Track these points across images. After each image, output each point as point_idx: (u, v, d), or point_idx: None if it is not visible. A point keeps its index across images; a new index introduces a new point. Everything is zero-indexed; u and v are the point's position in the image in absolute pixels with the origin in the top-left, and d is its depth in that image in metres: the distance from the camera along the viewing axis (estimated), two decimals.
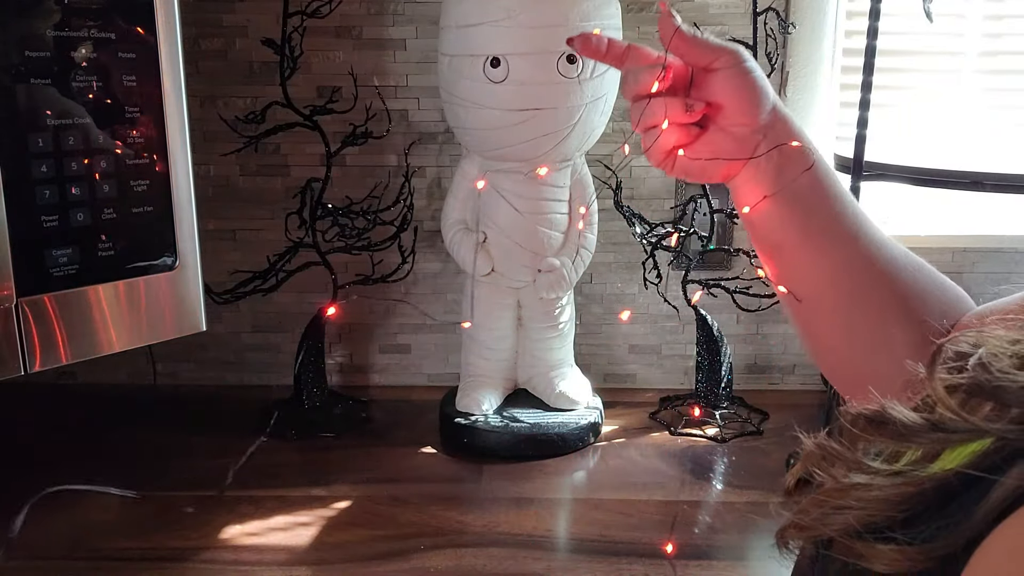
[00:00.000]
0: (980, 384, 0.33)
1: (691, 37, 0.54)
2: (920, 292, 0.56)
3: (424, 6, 1.14)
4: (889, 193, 1.12)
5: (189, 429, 1.11)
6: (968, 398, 0.34)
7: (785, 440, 1.08)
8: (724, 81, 0.54)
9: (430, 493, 0.96)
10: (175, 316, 0.82)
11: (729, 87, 0.54)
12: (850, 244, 0.57)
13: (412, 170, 1.15)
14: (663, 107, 0.54)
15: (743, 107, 0.55)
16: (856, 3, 1.17)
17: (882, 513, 0.33)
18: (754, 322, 1.23)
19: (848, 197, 0.58)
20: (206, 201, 0.99)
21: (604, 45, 0.58)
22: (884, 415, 0.35)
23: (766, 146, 0.55)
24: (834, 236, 0.57)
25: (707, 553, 0.85)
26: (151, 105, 0.77)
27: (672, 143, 0.55)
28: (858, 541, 0.33)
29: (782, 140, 0.55)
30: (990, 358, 0.34)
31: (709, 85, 0.55)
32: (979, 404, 0.33)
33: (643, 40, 1.13)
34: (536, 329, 1.10)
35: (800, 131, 0.57)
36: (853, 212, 0.57)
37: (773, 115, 0.56)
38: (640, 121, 0.56)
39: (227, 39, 1.15)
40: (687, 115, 0.54)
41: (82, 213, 0.73)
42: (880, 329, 0.56)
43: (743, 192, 0.58)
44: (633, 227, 1.13)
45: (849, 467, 0.36)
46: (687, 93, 0.55)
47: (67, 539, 0.87)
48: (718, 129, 0.56)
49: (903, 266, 0.57)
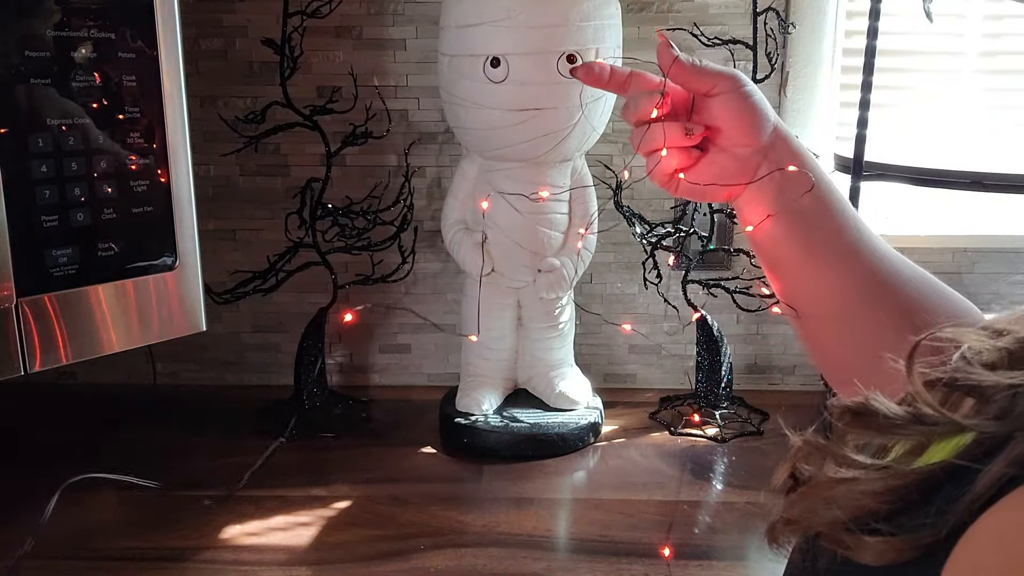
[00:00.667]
0: (960, 380, 0.34)
1: (689, 65, 0.56)
2: (925, 303, 0.57)
3: (424, 6, 1.14)
4: (889, 193, 1.13)
5: (189, 429, 1.12)
6: (949, 393, 0.34)
7: (785, 440, 1.08)
8: (724, 105, 0.56)
9: (430, 493, 0.96)
10: (175, 316, 0.82)
11: (728, 111, 0.56)
12: (853, 258, 0.57)
13: (412, 170, 1.15)
14: (663, 132, 0.56)
15: (743, 129, 0.56)
16: (856, 3, 1.17)
17: (869, 506, 0.33)
18: (754, 322, 1.23)
19: (850, 211, 0.58)
20: (206, 201, 0.99)
21: (607, 74, 0.61)
22: (868, 407, 0.36)
23: (767, 167, 0.57)
24: (836, 251, 0.58)
25: (707, 553, 0.85)
26: (151, 105, 0.76)
27: (674, 166, 0.57)
28: (846, 534, 0.33)
29: (783, 160, 0.57)
30: (971, 354, 0.35)
31: (709, 109, 0.57)
32: (960, 399, 0.34)
33: (643, 40, 1.14)
34: (536, 329, 1.10)
35: (801, 150, 0.58)
36: (855, 226, 0.58)
37: (773, 136, 0.57)
38: (641, 145, 0.58)
39: (227, 39, 1.15)
40: (687, 139, 0.56)
41: (82, 213, 0.73)
42: (886, 341, 0.56)
43: (746, 211, 0.59)
44: (633, 227, 1.13)
45: (837, 462, 0.36)
46: (688, 117, 0.57)
47: (67, 539, 0.87)
48: (719, 151, 0.57)
49: (907, 278, 0.57)
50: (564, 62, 0.93)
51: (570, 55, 0.93)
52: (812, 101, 1.18)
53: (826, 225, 0.58)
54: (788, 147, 0.57)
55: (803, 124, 1.17)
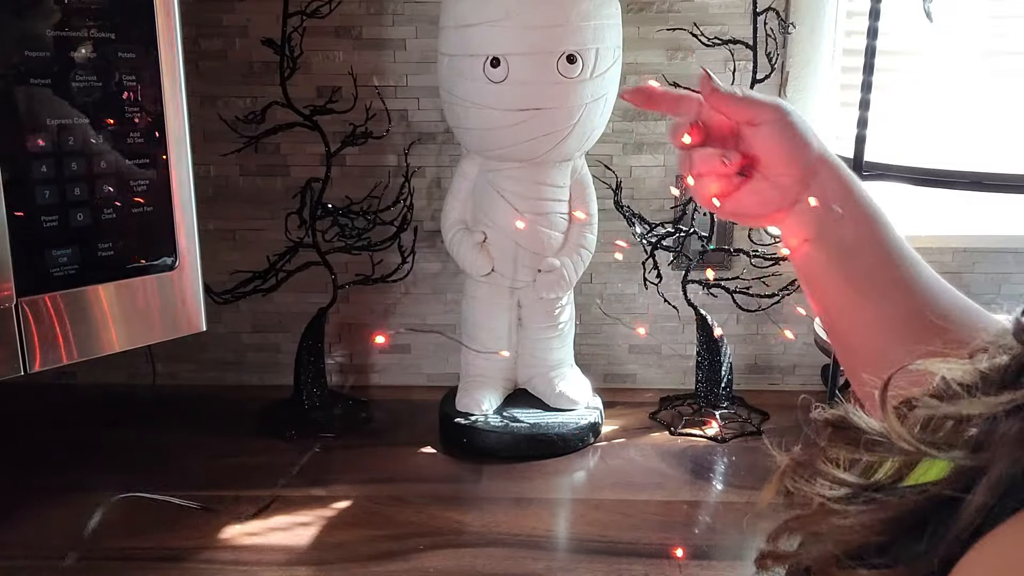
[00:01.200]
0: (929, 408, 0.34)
1: (730, 96, 0.57)
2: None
3: (424, 6, 1.14)
4: (889, 193, 1.12)
5: (189, 429, 1.12)
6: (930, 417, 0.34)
7: (785, 441, 1.08)
8: (765, 135, 0.57)
9: (430, 493, 0.96)
10: (175, 316, 0.82)
11: (769, 141, 0.57)
12: (898, 293, 0.56)
13: (412, 170, 1.15)
14: (701, 158, 0.57)
15: (783, 159, 0.57)
16: (856, 3, 1.17)
17: (858, 539, 0.33)
18: (754, 322, 1.23)
19: (898, 242, 0.57)
20: (206, 201, 0.99)
21: (655, 97, 0.61)
22: (847, 421, 0.36)
23: (810, 195, 0.57)
24: (880, 284, 0.56)
25: (707, 553, 0.85)
26: (151, 105, 0.76)
27: (713, 191, 0.58)
28: (837, 568, 0.33)
29: (827, 189, 0.57)
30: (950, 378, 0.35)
31: (752, 137, 0.58)
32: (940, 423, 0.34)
33: (643, 40, 1.14)
34: (536, 329, 1.10)
35: (848, 179, 0.58)
36: (903, 258, 0.56)
37: (817, 165, 0.57)
38: (682, 169, 0.60)
39: (227, 39, 1.15)
40: (723, 167, 0.57)
41: (82, 213, 0.73)
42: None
43: (786, 235, 0.60)
44: (633, 227, 1.13)
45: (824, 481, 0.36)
46: (734, 144, 0.58)
47: (67, 539, 0.87)
48: (762, 179, 0.58)
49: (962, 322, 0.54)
50: (564, 62, 0.93)
51: (570, 55, 0.93)
52: (812, 101, 1.18)
53: (869, 255, 0.56)
54: (833, 175, 0.57)
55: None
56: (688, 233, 1.12)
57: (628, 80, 1.13)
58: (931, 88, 1.19)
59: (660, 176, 1.20)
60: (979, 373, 0.34)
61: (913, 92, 1.19)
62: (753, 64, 1.05)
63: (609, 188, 1.13)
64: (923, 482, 0.33)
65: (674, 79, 1.12)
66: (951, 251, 1.21)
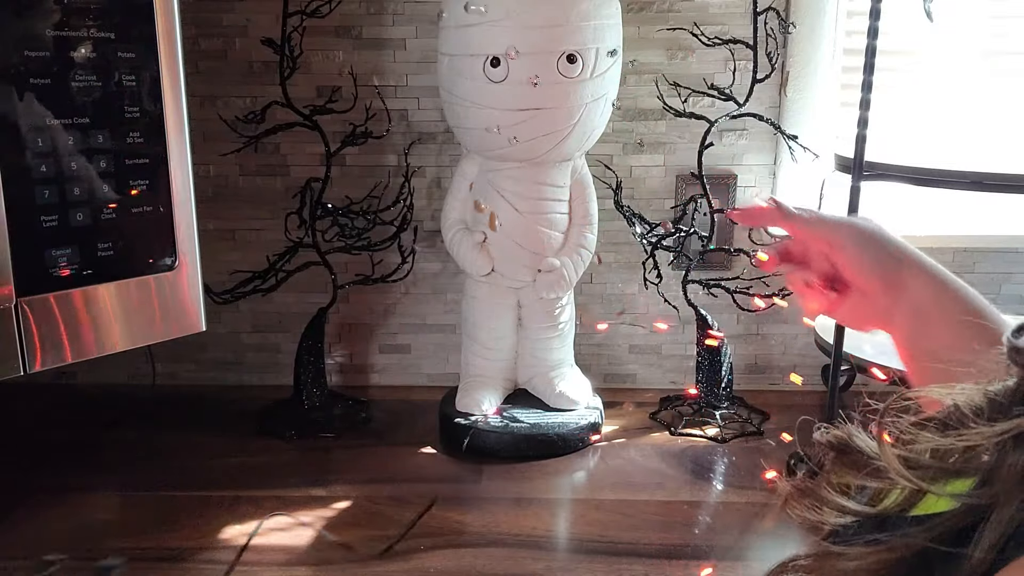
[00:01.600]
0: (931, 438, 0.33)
1: (802, 220, 0.60)
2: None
3: (424, 6, 1.13)
4: (889, 193, 1.12)
5: (189, 429, 1.11)
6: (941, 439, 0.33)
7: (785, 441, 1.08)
8: (845, 256, 0.59)
9: (430, 493, 0.96)
10: (175, 316, 0.81)
11: (848, 261, 0.59)
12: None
13: (412, 170, 1.15)
14: (791, 278, 0.62)
15: (862, 278, 0.59)
16: (856, 3, 1.17)
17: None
18: (754, 322, 1.23)
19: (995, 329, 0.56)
20: (206, 201, 0.99)
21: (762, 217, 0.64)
22: (849, 444, 0.35)
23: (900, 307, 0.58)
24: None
25: (707, 553, 0.85)
26: (151, 105, 0.76)
27: (814, 308, 0.62)
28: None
29: (917, 300, 0.57)
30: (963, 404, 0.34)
31: (836, 256, 0.60)
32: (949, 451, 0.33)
33: (643, 39, 1.14)
34: (536, 329, 1.10)
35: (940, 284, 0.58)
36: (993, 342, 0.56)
37: (904, 278, 0.58)
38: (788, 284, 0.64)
39: (227, 39, 1.15)
40: (806, 288, 0.60)
41: (82, 213, 0.73)
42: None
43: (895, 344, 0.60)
44: (633, 227, 1.13)
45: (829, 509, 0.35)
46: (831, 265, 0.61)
47: (67, 538, 0.87)
48: (855, 292, 0.60)
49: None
50: (564, 62, 0.93)
51: (570, 55, 0.93)
52: (812, 101, 1.18)
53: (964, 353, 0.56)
54: (923, 284, 0.58)
55: (803, 124, 1.17)
56: (688, 233, 1.12)
57: (628, 80, 1.13)
58: (931, 88, 1.19)
59: (660, 176, 1.20)
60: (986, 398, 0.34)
61: (913, 92, 1.19)
62: (753, 64, 1.05)
63: (609, 188, 1.13)
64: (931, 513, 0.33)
65: (674, 79, 1.12)
66: (951, 251, 1.21)
